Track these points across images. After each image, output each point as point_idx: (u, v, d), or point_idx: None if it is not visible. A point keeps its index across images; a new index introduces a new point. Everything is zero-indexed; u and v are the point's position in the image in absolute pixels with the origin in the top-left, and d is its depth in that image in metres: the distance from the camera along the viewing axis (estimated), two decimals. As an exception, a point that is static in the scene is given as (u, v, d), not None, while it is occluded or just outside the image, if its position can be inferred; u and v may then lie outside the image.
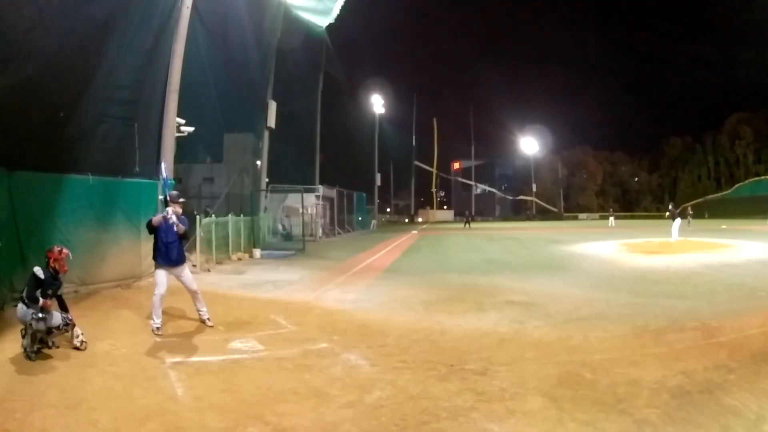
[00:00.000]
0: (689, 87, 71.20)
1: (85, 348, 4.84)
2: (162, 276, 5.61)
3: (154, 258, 5.71)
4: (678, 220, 17.52)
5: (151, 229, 5.63)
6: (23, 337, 4.56)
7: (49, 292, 4.73)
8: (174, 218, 5.50)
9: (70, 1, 7.27)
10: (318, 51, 25.24)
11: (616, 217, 37.36)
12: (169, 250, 5.62)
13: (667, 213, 17.89)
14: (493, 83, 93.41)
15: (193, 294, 5.92)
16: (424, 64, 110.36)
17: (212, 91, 15.28)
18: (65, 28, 7.19)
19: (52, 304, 4.74)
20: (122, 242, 8.54)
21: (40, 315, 4.50)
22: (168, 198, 5.81)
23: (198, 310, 5.99)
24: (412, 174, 62.75)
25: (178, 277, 5.79)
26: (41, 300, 4.55)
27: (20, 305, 4.62)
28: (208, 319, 5.95)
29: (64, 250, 4.93)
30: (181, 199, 5.86)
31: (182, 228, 5.57)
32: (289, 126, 20.36)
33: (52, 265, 4.81)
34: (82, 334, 4.90)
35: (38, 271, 4.71)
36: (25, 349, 4.51)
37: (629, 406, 3.36)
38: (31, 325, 4.47)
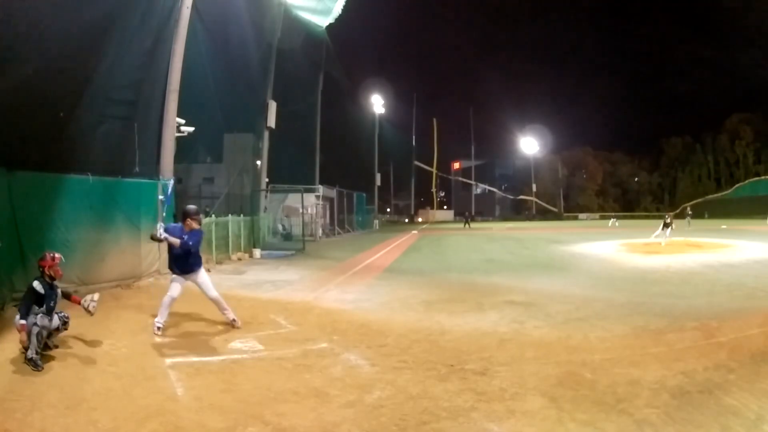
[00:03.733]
0: (689, 87, 71.39)
1: (94, 311, 4.94)
2: (176, 282, 5.59)
3: (170, 267, 5.72)
4: (669, 229, 16.96)
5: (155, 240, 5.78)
6: (26, 348, 4.29)
7: (52, 304, 4.63)
8: (161, 231, 5.44)
9: (70, 2, 7.28)
10: (318, 51, 25.24)
11: (618, 218, 37.35)
12: (179, 259, 5.60)
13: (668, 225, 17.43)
14: (493, 83, 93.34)
15: (214, 301, 5.79)
16: (424, 64, 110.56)
17: (212, 91, 15.29)
18: (65, 29, 7.20)
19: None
20: (122, 242, 8.54)
21: (44, 312, 4.44)
22: (185, 213, 5.71)
23: (222, 313, 5.83)
24: (412, 174, 62.76)
25: (197, 284, 5.73)
26: (20, 323, 4.33)
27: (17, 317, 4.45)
28: (234, 320, 5.78)
29: (57, 255, 4.78)
30: (200, 215, 5.83)
31: (176, 242, 5.42)
32: (289, 126, 20.37)
33: (48, 272, 4.66)
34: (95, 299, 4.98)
35: (37, 285, 4.54)
36: (30, 359, 4.25)
37: (629, 406, 3.36)
38: (36, 324, 4.33)
